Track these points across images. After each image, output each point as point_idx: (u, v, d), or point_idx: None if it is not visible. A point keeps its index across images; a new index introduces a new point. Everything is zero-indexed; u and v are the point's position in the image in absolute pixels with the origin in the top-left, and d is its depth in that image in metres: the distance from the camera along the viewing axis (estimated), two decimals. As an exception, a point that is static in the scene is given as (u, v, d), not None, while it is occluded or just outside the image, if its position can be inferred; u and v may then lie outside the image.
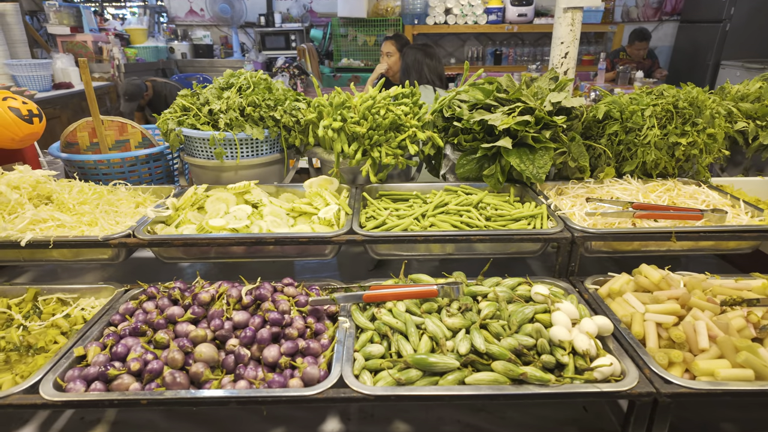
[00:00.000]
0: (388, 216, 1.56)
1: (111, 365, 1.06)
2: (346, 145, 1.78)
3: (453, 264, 1.71)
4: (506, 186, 1.78)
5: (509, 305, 1.21)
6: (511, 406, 1.13)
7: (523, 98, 1.76)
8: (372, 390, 1.00)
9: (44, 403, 0.99)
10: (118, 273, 1.79)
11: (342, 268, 1.82)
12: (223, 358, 1.13)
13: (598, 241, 1.42)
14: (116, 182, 1.75)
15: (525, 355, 1.06)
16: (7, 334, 1.26)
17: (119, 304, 1.31)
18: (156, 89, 4.97)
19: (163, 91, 5.03)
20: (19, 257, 1.46)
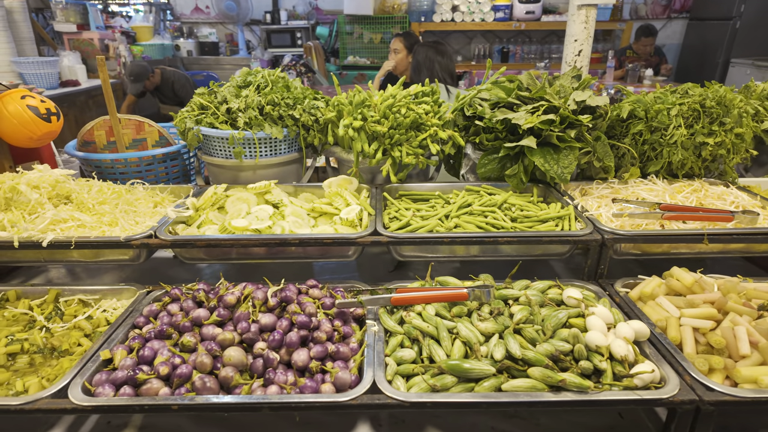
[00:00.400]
0: (412, 217, 1.53)
1: (139, 369, 1.04)
2: (366, 144, 1.75)
3: (473, 265, 1.69)
4: (528, 186, 1.76)
5: (541, 309, 1.19)
6: (545, 413, 1.11)
7: (546, 97, 1.73)
8: (407, 396, 0.98)
9: (74, 407, 0.97)
10: (134, 273, 1.78)
11: (361, 268, 1.80)
12: (251, 362, 1.11)
13: (627, 243, 1.40)
14: (134, 181, 1.73)
15: (562, 361, 1.03)
16: (30, 336, 1.25)
17: (142, 306, 1.30)
18: (164, 76, 5.02)
19: (171, 78, 5.09)
20: (39, 257, 1.44)
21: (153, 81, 4.95)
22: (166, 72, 5.10)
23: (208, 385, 1.02)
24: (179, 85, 5.09)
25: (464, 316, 1.19)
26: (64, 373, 1.12)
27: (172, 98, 5.13)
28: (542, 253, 1.49)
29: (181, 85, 5.11)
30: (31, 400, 0.98)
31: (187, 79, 5.27)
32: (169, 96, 5.12)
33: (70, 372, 1.05)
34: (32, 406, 0.97)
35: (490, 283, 1.29)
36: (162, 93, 5.05)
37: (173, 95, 5.10)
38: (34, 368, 1.17)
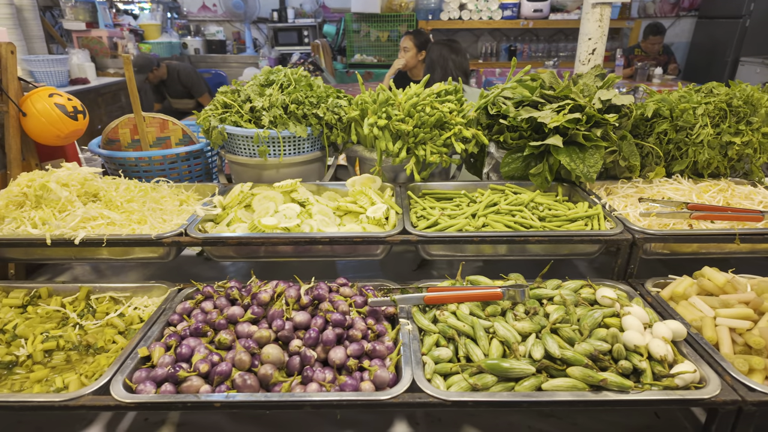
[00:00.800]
0: (441, 216, 1.53)
1: (179, 367, 1.05)
2: (390, 143, 1.75)
3: (496, 264, 1.69)
4: (552, 185, 1.75)
5: (576, 309, 1.19)
6: (581, 412, 1.11)
7: (572, 95, 1.72)
8: (448, 395, 0.98)
9: (117, 404, 0.97)
10: (158, 271, 1.78)
11: (384, 267, 1.80)
12: (287, 359, 1.12)
13: (658, 243, 1.39)
14: (158, 179, 1.73)
15: (600, 361, 1.03)
16: (64, 333, 1.26)
17: (175, 304, 1.30)
18: (170, 69, 5.09)
19: (176, 68, 5.19)
20: (70, 255, 1.45)
21: (158, 74, 5.03)
22: (171, 65, 5.20)
23: (249, 383, 1.02)
24: (185, 75, 5.18)
25: (498, 316, 1.19)
26: (102, 370, 1.13)
27: (181, 90, 5.20)
28: (569, 253, 1.49)
29: (186, 74, 5.20)
30: (75, 397, 0.98)
31: (192, 69, 5.35)
32: (177, 88, 5.19)
33: (110, 369, 1.06)
34: (76, 402, 0.98)
35: (522, 283, 1.29)
36: (169, 86, 5.14)
37: (181, 86, 5.18)
38: (70, 365, 1.18)
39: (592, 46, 3.60)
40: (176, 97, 5.22)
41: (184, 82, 5.18)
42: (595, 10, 3.51)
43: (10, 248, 1.43)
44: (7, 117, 1.59)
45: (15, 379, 1.13)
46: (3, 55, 1.56)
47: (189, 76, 5.22)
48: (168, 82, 5.14)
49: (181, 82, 5.18)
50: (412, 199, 1.71)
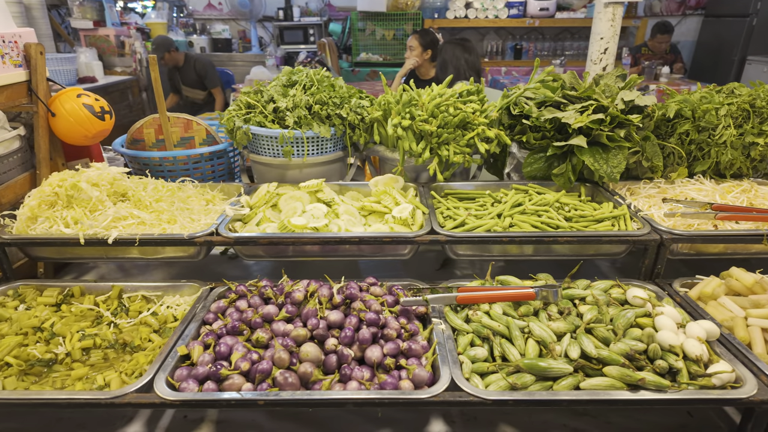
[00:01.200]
0: (468, 216, 1.54)
1: (221, 365, 1.06)
2: (413, 143, 1.77)
3: (519, 264, 1.70)
4: (575, 185, 1.76)
5: (608, 309, 1.20)
6: (615, 411, 1.13)
7: (595, 96, 1.73)
8: (488, 394, 0.99)
9: (162, 402, 0.99)
10: (183, 270, 1.80)
11: (407, 266, 1.81)
12: (324, 358, 1.13)
13: (685, 244, 1.41)
14: (183, 179, 1.75)
15: (636, 360, 1.05)
16: (100, 331, 1.27)
17: (209, 303, 1.31)
18: (187, 57, 5.21)
19: (193, 57, 5.32)
20: (101, 254, 1.46)
21: (174, 57, 5.16)
22: (190, 53, 5.36)
23: (290, 381, 1.04)
24: (201, 64, 5.32)
25: (531, 315, 1.20)
26: (141, 368, 1.15)
27: (194, 79, 5.31)
28: (594, 253, 1.50)
29: (202, 64, 5.33)
30: (121, 394, 1.00)
31: (209, 61, 5.47)
32: (192, 77, 5.32)
33: (152, 367, 1.07)
34: (122, 400, 0.99)
35: (553, 283, 1.30)
36: (183, 73, 5.26)
37: (195, 75, 5.30)
38: (108, 363, 1.20)
39: (604, 45, 3.61)
40: (189, 85, 5.33)
41: (198, 71, 5.30)
42: (607, 10, 3.51)
43: (43, 247, 1.44)
44: (37, 117, 1.60)
45: (56, 377, 1.14)
46: (33, 56, 1.58)
47: (204, 66, 5.35)
48: (183, 69, 5.27)
49: (196, 71, 5.31)
50: (435, 199, 1.73)
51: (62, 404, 1.00)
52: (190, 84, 5.37)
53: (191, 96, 5.40)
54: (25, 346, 1.21)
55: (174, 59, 5.22)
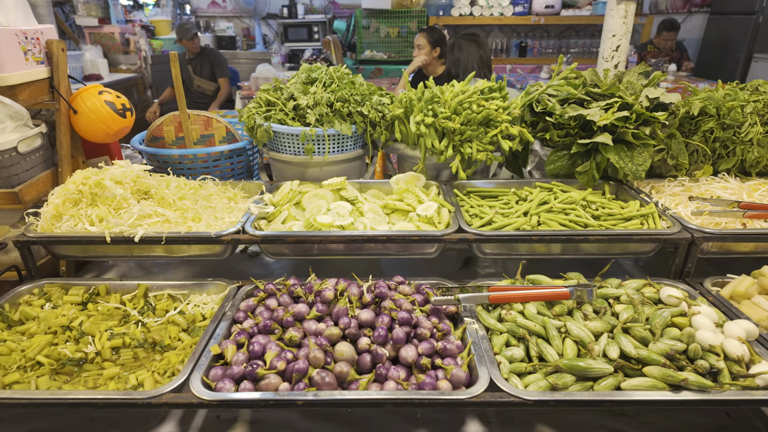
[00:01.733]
0: (495, 214, 1.53)
1: (257, 364, 1.05)
2: (436, 140, 1.75)
3: (542, 263, 1.68)
4: (598, 183, 1.75)
5: (643, 308, 1.19)
6: (653, 411, 1.12)
7: (619, 93, 1.72)
8: (530, 395, 0.98)
9: (200, 402, 0.98)
10: (205, 268, 1.79)
11: (429, 265, 1.80)
12: (357, 357, 1.12)
13: (716, 242, 1.39)
14: (204, 177, 1.73)
15: (676, 360, 1.04)
16: (128, 330, 1.26)
17: (237, 301, 1.30)
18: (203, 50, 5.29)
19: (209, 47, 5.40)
20: (126, 252, 1.45)
21: (195, 44, 5.24)
22: (206, 48, 5.49)
23: (327, 380, 1.03)
24: (214, 54, 5.48)
25: (565, 315, 1.19)
26: (173, 367, 1.14)
27: (207, 70, 5.40)
28: (622, 252, 1.48)
29: (215, 54, 5.50)
30: (157, 395, 0.99)
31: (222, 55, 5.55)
32: (205, 67, 5.40)
33: (186, 367, 1.06)
34: (158, 400, 0.98)
35: (586, 283, 1.29)
36: (199, 62, 5.34)
37: (208, 65, 5.39)
38: (139, 362, 1.19)
39: (617, 42, 3.59)
40: (201, 75, 5.39)
41: (212, 61, 5.40)
42: (620, 7, 3.49)
43: (68, 246, 1.43)
44: (59, 114, 1.59)
45: (87, 376, 1.13)
46: (54, 53, 1.56)
47: (217, 56, 5.50)
48: (198, 58, 5.36)
49: (209, 61, 5.40)
50: (458, 197, 1.71)
51: (99, 404, 0.99)
52: (202, 74, 5.43)
53: (202, 86, 5.43)
54: (55, 345, 1.20)
55: (194, 46, 5.32)
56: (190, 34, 5.26)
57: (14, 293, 1.36)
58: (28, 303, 1.35)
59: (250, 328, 1.20)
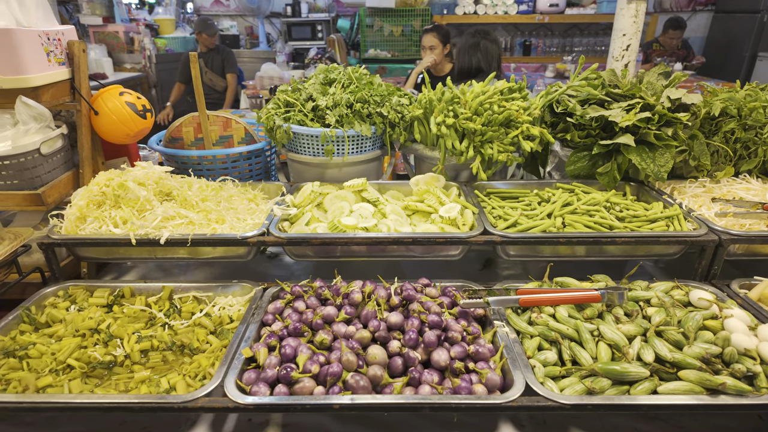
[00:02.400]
0: (520, 216, 1.53)
1: (290, 368, 1.05)
2: (456, 141, 1.75)
3: (564, 266, 1.68)
4: (619, 185, 1.75)
5: (674, 311, 1.18)
6: (687, 415, 1.11)
7: (641, 94, 1.71)
8: (566, 399, 0.98)
9: (236, 406, 0.97)
10: (225, 270, 1.78)
11: (449, 266, 1.80)
12: (389, 360, 1.12)
13: (743, 244, 1.39)
14: (224, 178, 1.73)
15: (712, 364, 1.03)
16: (155, 333, 1.26)
17: (264, 303, 1.30)
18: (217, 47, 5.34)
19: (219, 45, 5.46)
20: (151, 254, 1.45)
21: (213, 41, 5.29)
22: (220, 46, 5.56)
23: (362, 384, 1.02)
24: (225, 51, 5.60)
25: (596, 318, 1.19)
26: (204, 370, 1.13)
27: (219, 65, 5.46)
28: (646, 254, 1.48)
29: (226, 51, 5.64)
30: (192, 399, 0.98)
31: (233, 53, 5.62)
32: (217, 62, 5.45)
33: (219, 370, 1.06)
34: (194, 404, 0.98)
35: (612, 285, 1.28)
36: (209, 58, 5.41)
37: (220, 60, 5.46)
38: (168, 365, 1.18)
39: (627, 41, 3.58)
40: (213, 70, 5.42)
41: (223, 57, 5.46)
42: (630, 6, 3.48)
43: (93, 247, 1.42)
44: (80, 116, 1.58)
45: (117, 379, 1.13)
46: (76, 54, 1.55)
47: (228, 53, 5.56)
48: (210, 53, 5.40)
49: (221, 56, 5.45)
50: (480, 199, 1.71)
51: (134, 408, 0.98)
52: (214, 69, 5.47)
53: (214, 80, 5.45)
54: (84, 348, 1.19)
55: (212, 42, 5.38)
56: (213, 30, 5.33)
57: (40, 295, 1.35)
58: (54, 305, 1.34)
59: (280, 331, 1.19)
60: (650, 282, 1.34)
